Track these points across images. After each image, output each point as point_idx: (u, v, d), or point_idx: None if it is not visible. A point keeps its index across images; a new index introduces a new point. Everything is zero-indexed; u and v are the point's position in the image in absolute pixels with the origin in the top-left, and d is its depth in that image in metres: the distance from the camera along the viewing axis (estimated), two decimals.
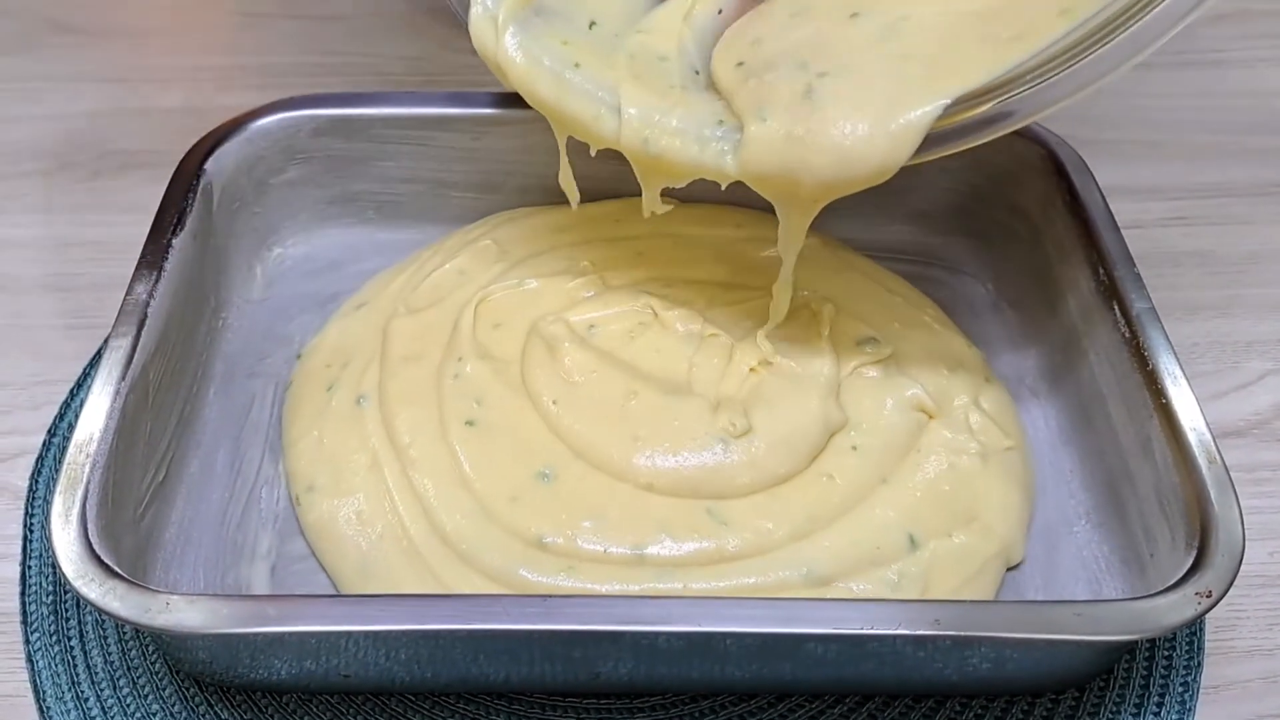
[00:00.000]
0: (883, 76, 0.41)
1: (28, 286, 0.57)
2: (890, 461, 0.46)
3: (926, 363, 0.50)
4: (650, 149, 0.44)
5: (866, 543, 0.44)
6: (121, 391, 0.42)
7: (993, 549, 0.44)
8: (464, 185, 0.56)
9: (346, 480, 0.46)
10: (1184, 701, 0.43)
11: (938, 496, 0.45)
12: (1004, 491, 0.46)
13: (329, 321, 0.54)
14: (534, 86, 0.47)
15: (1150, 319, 0.45)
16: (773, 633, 0.37)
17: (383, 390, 0.49)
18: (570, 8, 0.48)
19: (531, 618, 0.37)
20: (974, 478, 0.46)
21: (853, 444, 0.47)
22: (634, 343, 0.50)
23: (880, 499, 0.45)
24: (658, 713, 0.42)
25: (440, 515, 0.45)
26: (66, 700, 0.42)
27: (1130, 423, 0.44)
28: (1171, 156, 0.64)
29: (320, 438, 0.48)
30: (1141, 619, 0.37)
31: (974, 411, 0.48)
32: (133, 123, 0.66)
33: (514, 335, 0.51)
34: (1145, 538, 0.43)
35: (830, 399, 0.48)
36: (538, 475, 0.46)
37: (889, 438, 0.47)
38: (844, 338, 0.51)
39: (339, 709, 0.42)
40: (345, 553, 0.45)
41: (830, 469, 0.46)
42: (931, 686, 0.42)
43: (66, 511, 0.39)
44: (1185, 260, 0.59)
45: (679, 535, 0.44)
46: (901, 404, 0.48)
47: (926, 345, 0.51)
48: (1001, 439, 0.48)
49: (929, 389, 0.48)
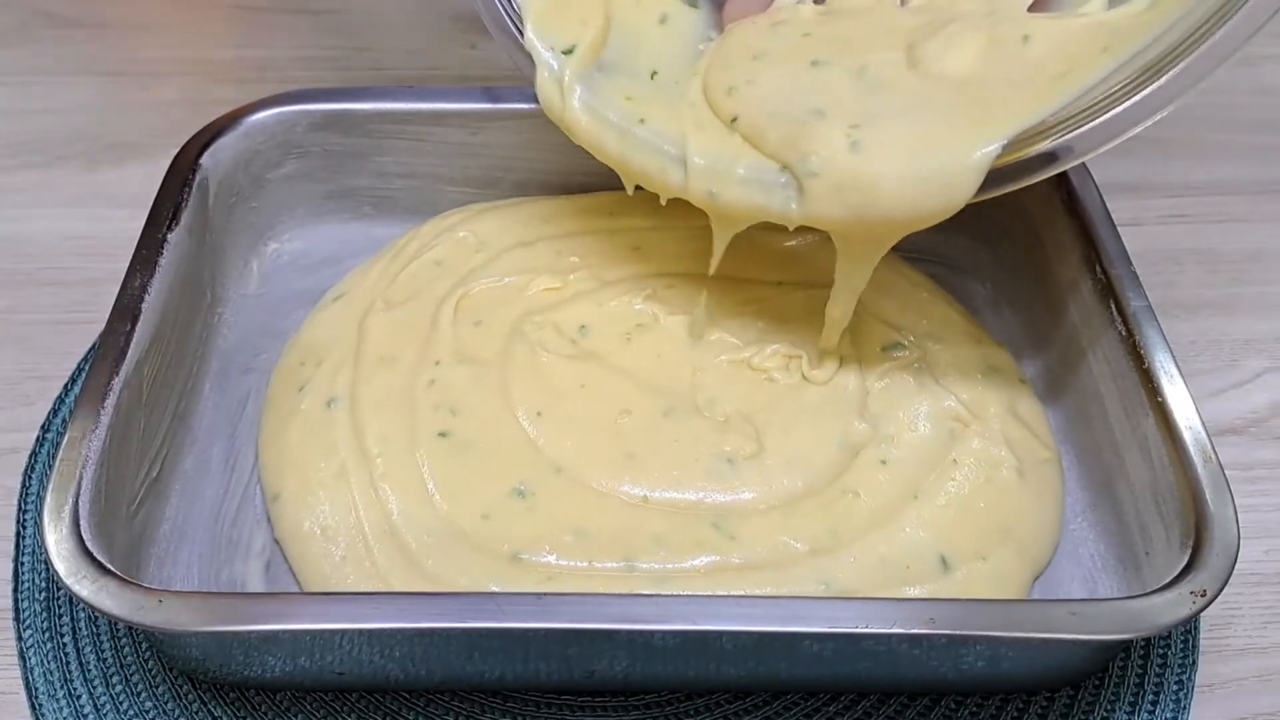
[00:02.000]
0: (932, 117, 0.41)
1: (21, 281, 0.56)
2: (922, 476, 0.45)
3: (958, 366, 0.49)
4: (718, 201, 0.44)
5: (895, 561, 0.42)
6: (115, 387, 0.42)
7: (1026, 571, 0.43)
8: (461, 180, 0.56)
9: (312, 491, 0.45)
10: (1179, 700, 0.42)
11: (972, 515, 0.44)
12: (1040, 508, 0.45)
13: (307, 315, 0.52)
14: (601, 144, 0.46)
15: (1147, 317, 0.45)
16: (768, 631, 0.37)
17: (355, 394, 0.47)
18: (631, 60, 0.48)
19: (526, 616, 0.37)
20: (1010, 494, 0.44)
21: (881, 458, 0.45)
22: (630, 347, 0.49)
23: (910, 516, 0.43)
24: (652, 710, 0.42)
25: (405, 534, 0.43)
26: (59, 697, 0.42)
27: (1127, 421, 0.44)
28: (1172, 154, 0.64)
29: (288, 442, 0.46)
30: (1137, 618, 0.37)
31: (1010, 420, 0.47)
32: (128, 116, 0.65)
33: (496, 335, 0.49)
34: (1141, 536, 0.43)
35: (853, 415, 0.46)
36: (512, 492, 0.44)
37: (920, 451, 0.45)
38: (869, 342, 0.49)
39: (332, 706, 0.42)
40: (310, 572, 0.43)
41: (856, 485, 0.44)
42: (926, 685, 0.42)
43: (59, 508, 0.38)
44: (1184, 258, 0.59)
45: (677, 549, 0.42)
46: (934, 415, 0.46)
47: (956, 347, 0.49)
48: (1039, 449, 0.46)
49: (963, 397, 0.47)
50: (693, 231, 0.53)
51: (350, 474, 0.45)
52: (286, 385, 0.49)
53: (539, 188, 0.56)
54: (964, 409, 0.47)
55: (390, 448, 0.45)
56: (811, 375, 0.48)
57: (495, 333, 0.49)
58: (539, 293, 0.51)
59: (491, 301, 0.51)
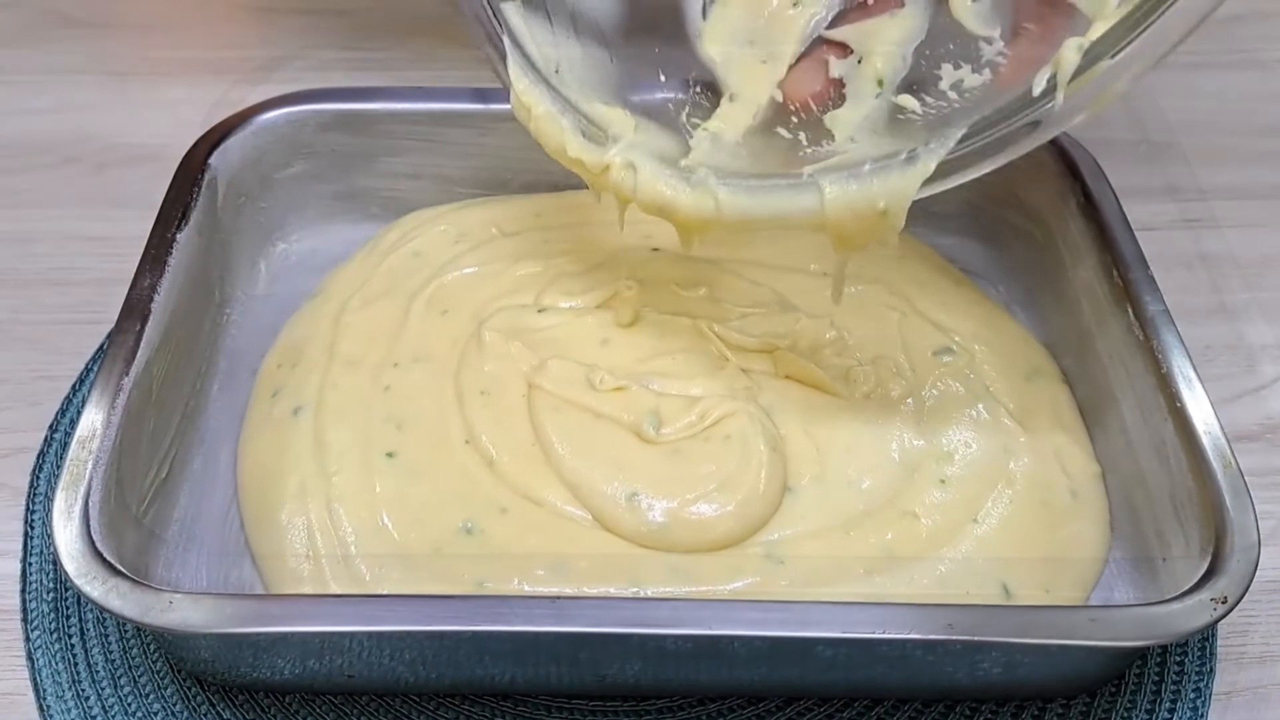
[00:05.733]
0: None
1: (30, 281, 0.56)
2: (980, 497, 0.44)
3: (1004, 371, 0.48)
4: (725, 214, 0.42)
5: (955, 585, 0.41)
6: (124, 387, 0.42)
7: (1079, 596, 0.43)
8: (470, 181, 0.56)
9: (276, 508, 0.43)
10: (1196, 708, 0.42)
11: (1032, 543, 0.43)
12: (1095, 534, 0.44)
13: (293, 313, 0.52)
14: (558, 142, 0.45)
15: (1164, 321, 0.45)
16: (784, 636, 0.37)
17: (320, 401, 0.46)
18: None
19: (539, 619, 0.36)
20: (1067, 519, 0.44)
21: (940, 477, 0.44)
22: (616, 345, 0.48)
23: (971, 540, 0.43)
24: (664, 715, 0.42)
25: (359, 564, 0.42)
26: (67, 699, 0.42)
27: (1144, 426, 0.44)
28: (1185, 158, 0.64)
29: (258, 453, 0.46)
30: (1157, 624, 0.37)
31: (1058, 433, 0.46)
32: (137, 117, 0.65)
33: (460, 326, 0.48)
34: (1158, 542, 0.42)
35: (909, 430, 0.45)
36: (460, 530, 0.42)
37: (977, 469, 0.45)
38: (919, 347, 0.49)
39: (342, 709, 0.42)
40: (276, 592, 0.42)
41: (914, 506, 0.43)
42: (941, 691, 0.42)
43: (69, 508, 0.38)
44: (1198, 263, 0.58)
45: (698, 576, 0.41)
46: (987, 428, 0.46)
47: (1001, 349, 0.49)
48: (1088, 463, 0.46)
49: (1011, 406, 0.47)
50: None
51: (309, 494, 0.44)
52: (264, 390, 0.48)
53: (549, 189, 0.56)
54: (1015, 423, 0.46)
55: (346, 463, 0.44)
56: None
57: (459, 322, 0.49)
58: (520, 281, 0.50)
59: (463, 289, 0.50)
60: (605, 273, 0.51)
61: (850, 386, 0.47)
